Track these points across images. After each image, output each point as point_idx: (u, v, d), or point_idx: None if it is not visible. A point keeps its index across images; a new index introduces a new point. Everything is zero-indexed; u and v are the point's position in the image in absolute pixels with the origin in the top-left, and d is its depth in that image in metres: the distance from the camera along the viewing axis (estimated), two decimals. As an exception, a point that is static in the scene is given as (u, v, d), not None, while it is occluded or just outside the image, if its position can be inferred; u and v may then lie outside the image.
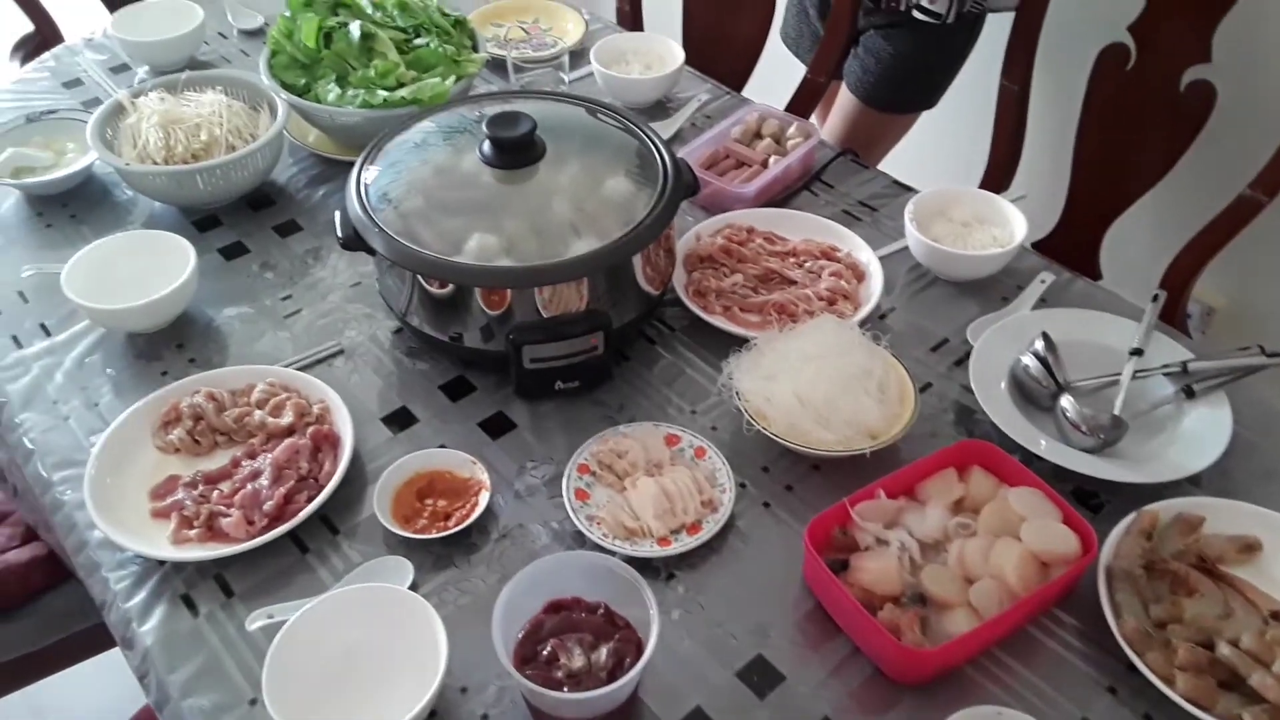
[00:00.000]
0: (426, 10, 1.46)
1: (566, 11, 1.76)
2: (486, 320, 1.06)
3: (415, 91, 1.33)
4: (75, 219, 1.32)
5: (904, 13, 1.65)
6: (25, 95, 1.56)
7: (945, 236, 1.22)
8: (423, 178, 1.15)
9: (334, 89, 1.34)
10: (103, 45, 1.68)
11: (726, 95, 1.60)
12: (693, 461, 1.01)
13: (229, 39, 1.71)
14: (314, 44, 1.38)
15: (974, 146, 1.69)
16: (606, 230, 1.06)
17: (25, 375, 1.12)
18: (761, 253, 1.24)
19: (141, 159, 1.26)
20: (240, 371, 1.08)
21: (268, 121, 1.33)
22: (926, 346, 1.15)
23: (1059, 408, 1.03)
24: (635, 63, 1.59)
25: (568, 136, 1.17)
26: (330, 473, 0.99)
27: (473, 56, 1.43)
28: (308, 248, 1.29)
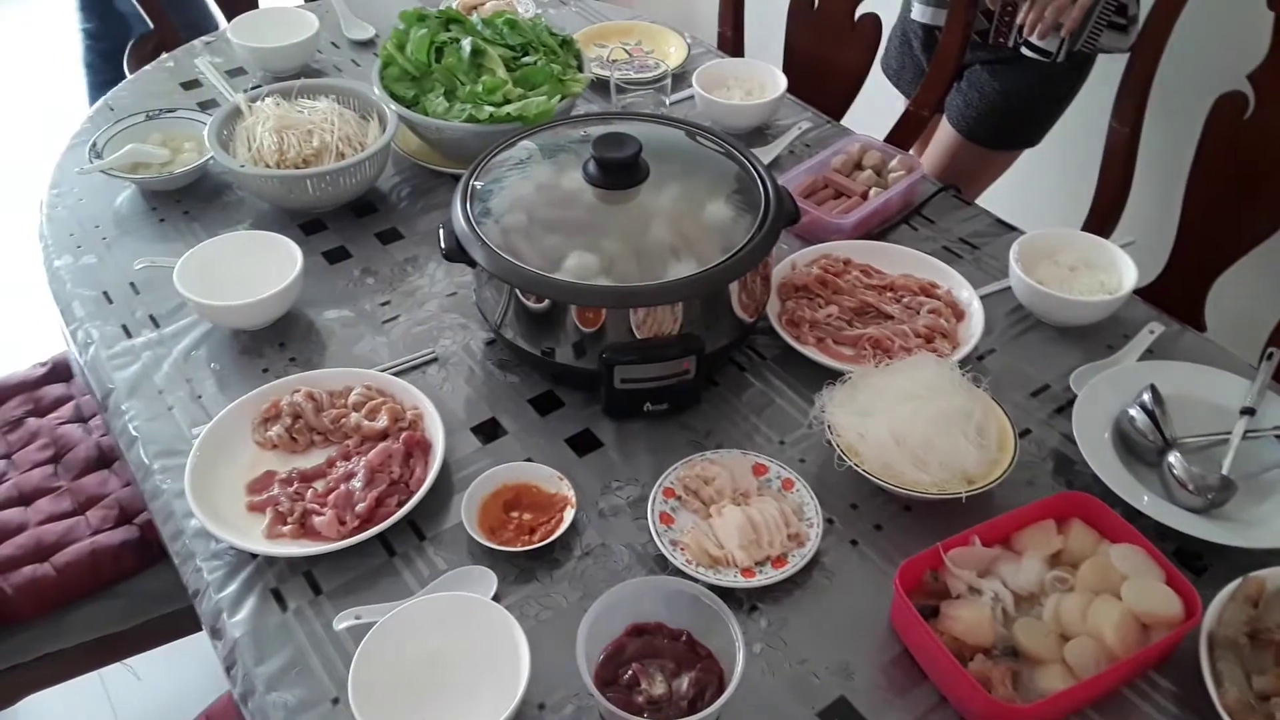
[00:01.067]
0: (535, 29, 1.48)
1: (669, 35, 1.77)
2: (580, 337, 1.07)
3: (521, 108, 1.35)
4: (188, 215, 1.37)
5: (1012, 49, 1.62)
6: (145, 94, 1.62)
7: (1051, 280, 1.19)
8: (526, 194, 1.17)
9: (442, 102, 1.37)
10: (220, 49, 1.74)
11: (826, 124, 1.60)
12: (780, 493, 1.00)
13: (341, 49, 1.76)
14: (425, 58, 1.40)
15: (1078, 187, 1.66)
16: (705, 255, 1.06)
17: (133, 364, 1.16)
18: (858, 285, 1.22)
19: (255, 161, 1.29)
20: (339, 374, 1.11)
21: (376, 131, 1.36)
22: (1026, 391, 1.12)
23: (1165, 464, 1.00)
24: (736, 88, 1.59)
25: (670, 159, 1.17)
26: (421, 479, 1.00)
27: (578, 76, 1.45)
28: (407, 255, 1.32)
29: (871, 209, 1.33)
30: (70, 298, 1.25)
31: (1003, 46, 1.63)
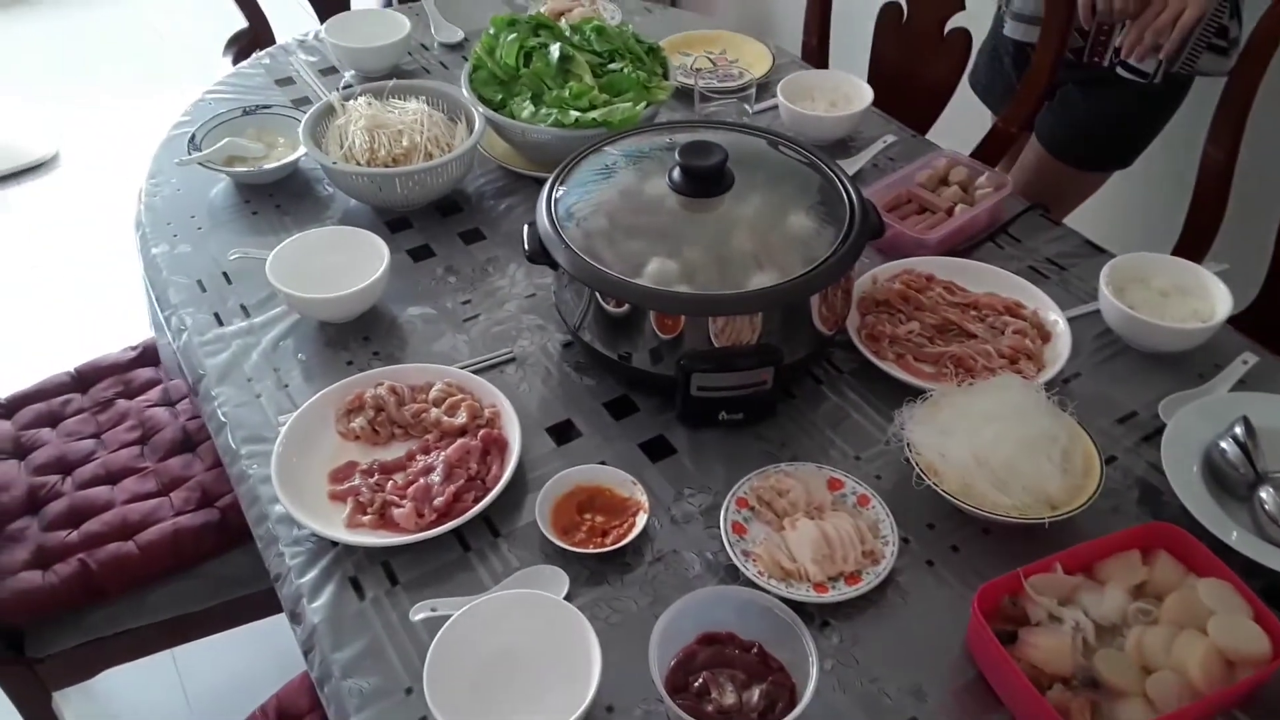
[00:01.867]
0: (622, 37, 1.49)
1: (754, 45, 1.77)
2: (658, 343, 1.07)
3: (606, 114, 1.36)
4: (279, 209, 1.41)
5: (1108, 69, 1.59)
6: (242, 89, 1.67)
7: (1141, 305, 1.16)
8: (609, 199, 1.18)
9: (529, 106, 1.39)
10: (314, 48, 1.78)
11: (912, 138, 1.58)
12: (855, 509, 0.99)
13: (430, 51, 1.79)
14: (514, 62, 1.43)
15: (1170, 209, 1.61)
16: (787, 266, 1.06)
17: (224, 351, 1.19)
18: (940, 302, 1.21)
19: (347, 159, 1.32)
20: (421, 369, 1.13)
21: (464, 133, 1.38)
22: (1113, 418, 1.10)
23: (1257, 498, 0.97)
24: (821, 99, 1.59)
25: (754, 169, 1.17)
26: (497, 476, 1.01)
27: (663, 84, 1.45)
28: (489, 256, 1.34)
29: (956, 225, 1.31)
30: (166, 285, 1.29)
31: (1097, 66, 1.60)
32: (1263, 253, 1.50)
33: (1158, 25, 1.37)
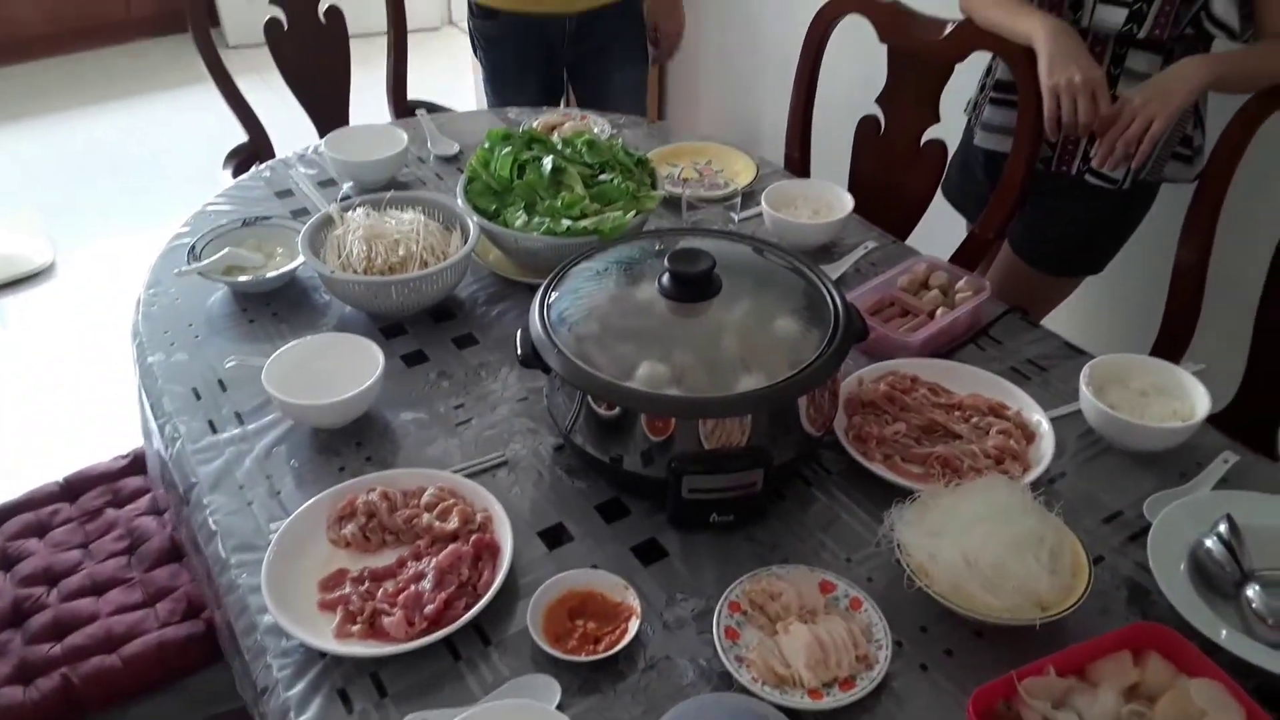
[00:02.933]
0: (612, 149, 1.54)
1: (738, 155, 1.84)
2: (649, 446, 1.08)
3: (597, 223, 1.40)
4: (276, 317, 1.43)
5: (1076, 178, 1.65)
6: (242, 201, 1.71)
7: (1122, 404, 1.18)
8: (600, 304, 1.21)
9: (522, 216, 1.43)
10: (313, 161, 1.84)
11: (892, 244, 1.63)
12: (848, 612, 0.99)
13: (427, 163, 1.85)
14: (508, 174, 1.47)
15: (1147, 310, 1.66)
16: (775, 369, 1.08)
17: (217, 459, 1.20)
18: (926, 403, 1.23)
19: (344, 267, 1.36)
20: (413, 474, 1.13)
21: (459, 241, 1.42)
22: (1099, 517, 1.11)
23: (1244, 597, 0.97)
24: (804, 207, 1.64)
25: (741, 274, 1.21)
26: (489, 582, 1.01)
27: (651, 193, 1.50)
28: (482, 360, 1.36)
29: (939, 328, 1.34)
30: (161, 393, 1.31)
31: (1066, 175, 1.66)
32: (1239, 352, 1.54)
33: (1128, 137, 1.42)
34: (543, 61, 2.23)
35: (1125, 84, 1.54)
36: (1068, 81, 1.45)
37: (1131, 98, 1.40)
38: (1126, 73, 1.54)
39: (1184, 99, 1.38)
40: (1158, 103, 1.38)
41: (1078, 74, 1.44)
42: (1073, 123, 1.47)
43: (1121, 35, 1.51)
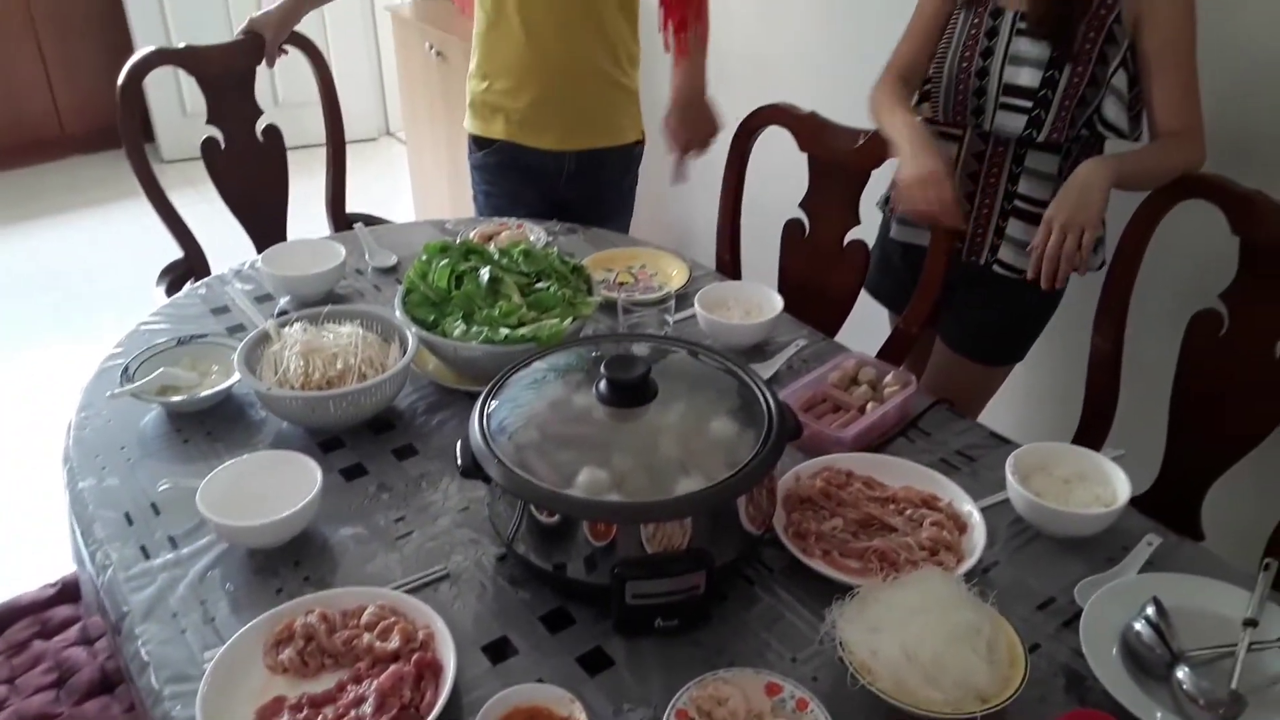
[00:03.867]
0: (548, 258, 1.58)
1: (671, 259, 1.89)
2: (591, 551, 1.09)
3: (535, 330, 1.43)
4: (210, 435, 1.42)
5: (985, 267, 1.73)
6: (177, 319, 1.71)
7: (1047, 492, 1.22)
8: (539, 412, 1.22)
9: (461, 326, 1.45)
10: (250, 276, 1.84)
11: (822, 341, 1.68)
12: (795, 714, 0.99)
13: (365, 275, 1.87)
14: (446, 285, 1.50)
15: (1068, 399, 1.72)
16: (712, 470, 1.10)
17: (150, 586, 1.17)
18: (861, 497, 1.26)
19: (281, 384, 1.36)
20: (353, 593, 1.12)
21: (397, 353, 1.43)
22: (1032, 605, 1.13)
23: (1175, 680, 1.00)
24: (736, 308, 1.69)
25: (676, 378, 1.24)
26: (431, 703, 0.99)
27: (587, 300, 1.54)
28: (422, 471, 1.36)
29: (869, 422, 1.38)
30: (92, 519, 1.28)
31: (976, 264, 1.73)
32: (1159, 434, 1.60)
33: (1067, 253, 1.47)
34: (537, 197, 2.20)
35: (1026, 182, 1.64)
36: (915, 176, 1.56)
37: (1054, 216, 1.47)
38: (1027, 172, 1.64)
39: (1102, 204, 1.46)
40: (1081, 215, 1.45)
41: (922, 168, 1.56)
42: (920, 213, 1.58)
43: (1022, 138, 1.61)
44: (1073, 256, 1.46)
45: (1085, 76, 1.53)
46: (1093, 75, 1.53)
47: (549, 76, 2.06)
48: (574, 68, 2.05)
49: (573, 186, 2.19)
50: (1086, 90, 1.54)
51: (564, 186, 2.19)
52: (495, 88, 2.12)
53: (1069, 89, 1.54)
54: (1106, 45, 1.51)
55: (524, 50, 2.04)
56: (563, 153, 2.14)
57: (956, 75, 1.64)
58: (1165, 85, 1.50)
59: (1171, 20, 1.48)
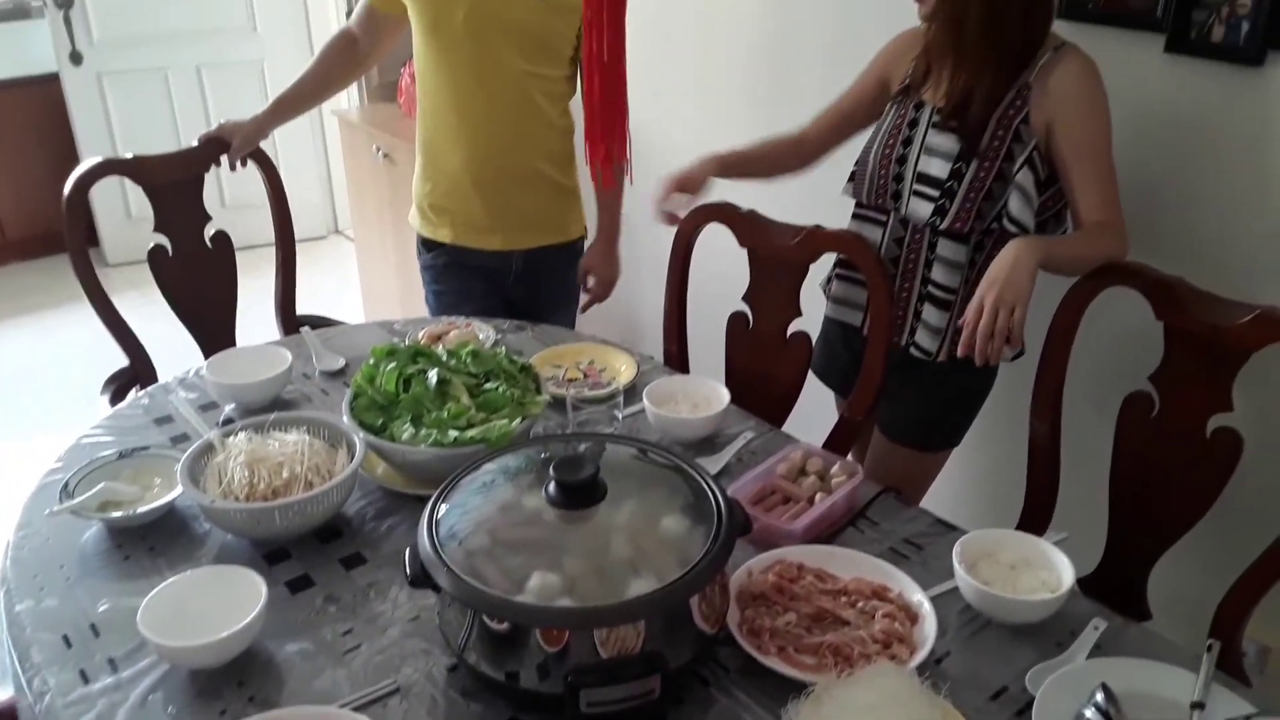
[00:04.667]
0: (496, 358, 1.59)
1: (619, 354, 1.91)
2: (544, 659, 1.08)
3: (484, 431, 1.43)
4: (153, 551, 1.39)
5: (905, 351, 1.77)
6: (119, 430, 1.68)
7: (994, 579, 1.24)
8: (489, 516, 1.22)
9: (409, 429, 1.45)
10: (194, 384, 1.83)
11: (769, 432, 1.70)
12: (753, 818, 0.98)
13: (312, 379, 1.86)
14: (394, 389, 1.50)
15: (1012, 483, 1.75)
16: (664, 570, 1.10)
17: (89, 713, 1.13)
18: (813, 591, 1.26)
19: (225, 495, 1.34)
20: (299, 713, 1.09)
21: (344, 459, 1.43)
22: (986, 695, 1.14)
23: (1129, 764, 1.00)
24: (684, 402, 1.71)
25: (625, 477, 1.25)
26: (382, 825, 0.97)
27: (536, 399, 1.55)
28: (370, 580, 1.34)
29: (818, 514, 1.40)
30: (29, 643, 1.23)
31: (898, 346, 1.78)
32: (1100, 516, 1.63)
33: (999, 329, 1.49)
34: (485, 294, 2.23)
35: (939, 270, 1.70)
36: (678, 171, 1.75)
37: (985, 292, 1.50)
38: (939, 259, 1.70)
39: (1031, 282, 1.49)
40: (1010, 292, 1.48)
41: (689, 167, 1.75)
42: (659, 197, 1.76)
43: (933, 226, 1.67)
44: (1003, 333, 1.51)
45: (991, 172, 1.61)
46: (1000, 171, 1.60)
47: (492, 182, 2.12)
48: (515, 172, 2.12)
49: (520, 284, 2.24)
50: (994, 185, 1.61)
51: (511, 285, 2.24)
52: (440, 191, 2.17)
53: (974, 182, 1.61)
54: (1014, 144, 1.59)
55: (467, 156, 2.10)
56: (509, 252, 2.19)
57: (880, 161, 1.72)
58: (1084, 182, 1.57)
59: (1082, 123, 1.56)
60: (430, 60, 2.07)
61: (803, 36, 2.35)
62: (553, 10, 2.00)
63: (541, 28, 2.01)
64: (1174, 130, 1.73)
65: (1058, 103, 1.56)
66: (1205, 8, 1.63)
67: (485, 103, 2.05)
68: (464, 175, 2.12)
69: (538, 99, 2.07)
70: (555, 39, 2.04)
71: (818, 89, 1.96)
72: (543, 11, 1.99)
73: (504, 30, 1.99)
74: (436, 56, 2.05)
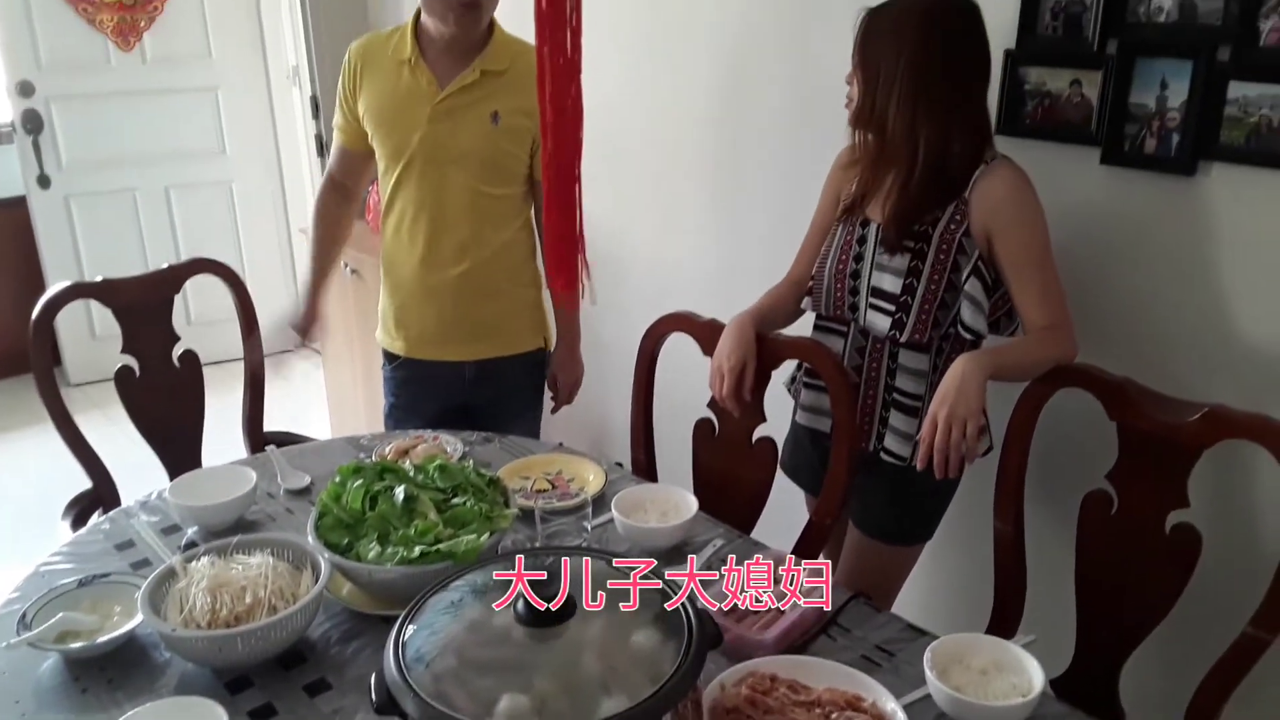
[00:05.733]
0: (464, 472, 1.60)
1: (587, 464, 1.92)
2: (514, 789, 1.05)
3: (451, 547, 1.42)
4: (111, 683, 1.35)
5: (874, 454, 1.80)
6: (79, 558, 1.65)
7: (966, 685, 1.24)
8: (456, 636, 1.20)
9: (375, 547, 1.44)
10: (157, 507, 1.80)
11: (739, 539, 1.70)
12: None
13: (277, 498, 1.85)
14: (360, 506, 1.50)
15: (984, 580, 1.76)
16: (635, 687, 1.08)
17: None
18: (787, 702, 1.25)
19: (187, 622, 1.31)
20: None
21: (309, 580, 1.41)
22: (963, 804, 1.12)
23: None
24: (653, 510, 1.71)
25: (595, 591, 1.24)
26: None
27: (504, 512, 1.54)
28: (336, 707, 1.31)
29: (789, 623, 1.39)
30: (-22, 786, 1.19)
31: (866, 450, 1.81)
32: (1069, 615, 1.64)
33: (954, 444, 1.54)
34: (440, 406, 2.28)
35: (902, 378, 1.75)
36: (715, 365, 1.81)
37: (937, 410, 1.55)
38: (902, 368, 1.75)
39: (980, 396, 1.54)
40: (963, 407, 1.53)
41: (718, 356, 1.80)
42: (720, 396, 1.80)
43: (891, 337, 1.72)
44: (959, 446, 1.54)
45: (941, 284, 1.66)
46: (949, 282, 1.66)
47: (447, 294, 2.19)
48: (468, 285, 2.18)
49: (477, 393, 2.29)
50: (946, 295, 1.67)
51: (468, 394, 2.28)
52: (398, 303, 2.24)
53: (927, 294, 1.67)
54: (959, 256, 1.65)
55: (422, 270, 2.18)
56: (461, 363, 2.25)
57: (834, 276, 1.78)
58: (1026, 288, 1.63)
59: (1017, 231, 1.62)
60: (391, 181, 2.17)
61: (755, 139, 2.43)
62: (504, 134, 2.11)
63: (494, 151, 2.11)
64: (1115, 237, 1.81)
65: (992, 214, 1.63)
66: (1136, 121, 1.73)
67: (439, 219, 2.14)
68: (420, 288, 2.20)
69: (492, 216, 2.16)
70: (508, 160, 2.14)
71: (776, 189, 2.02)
72: (494, 136, 2.10)
73: (458, 156, 2.10)
74: (397, 178, 2.15)
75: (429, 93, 2.08)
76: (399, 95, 2.10)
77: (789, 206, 2.22)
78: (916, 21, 1.61)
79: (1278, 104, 1.56)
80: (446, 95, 2.07)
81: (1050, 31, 1.82)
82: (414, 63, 2.08)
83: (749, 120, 2.43)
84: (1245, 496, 1.70)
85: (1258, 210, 1.63)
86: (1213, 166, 1.66)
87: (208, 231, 4.56)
